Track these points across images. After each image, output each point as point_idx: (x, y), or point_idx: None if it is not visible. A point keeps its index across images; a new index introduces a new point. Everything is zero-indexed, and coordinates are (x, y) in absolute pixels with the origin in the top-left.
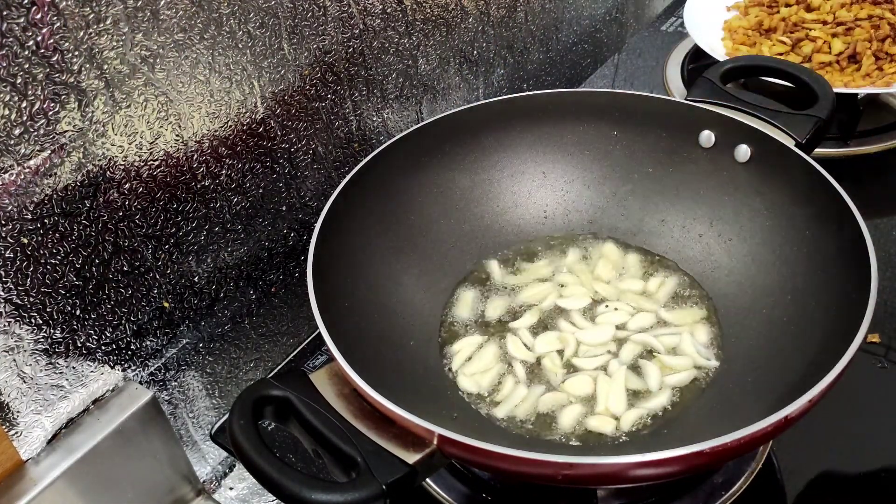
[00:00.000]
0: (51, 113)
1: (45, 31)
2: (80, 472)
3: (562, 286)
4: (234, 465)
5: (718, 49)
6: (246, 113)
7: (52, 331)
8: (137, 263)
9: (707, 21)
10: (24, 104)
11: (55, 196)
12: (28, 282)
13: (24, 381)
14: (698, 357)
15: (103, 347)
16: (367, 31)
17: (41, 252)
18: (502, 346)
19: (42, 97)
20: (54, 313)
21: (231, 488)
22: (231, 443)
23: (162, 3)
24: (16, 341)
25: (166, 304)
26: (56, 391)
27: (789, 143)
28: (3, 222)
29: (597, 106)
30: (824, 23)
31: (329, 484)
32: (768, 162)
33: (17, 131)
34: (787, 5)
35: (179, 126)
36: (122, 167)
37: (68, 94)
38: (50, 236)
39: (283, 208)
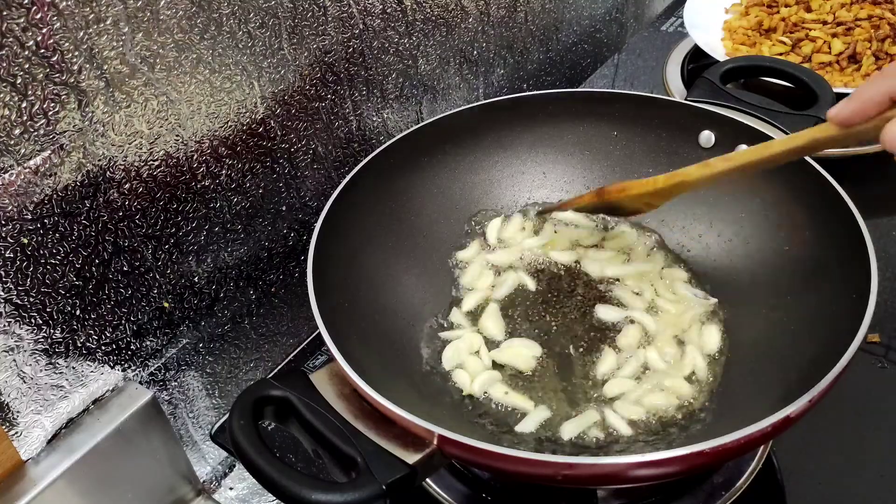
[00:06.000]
0: (51, 113)
1: (45, 31)
2: (80, 472)
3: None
4: (234, 465)
5: (718, 49)
6: (246, 113)
7: (52, 331)
8: (137, 263)
9: (707, 21)
10: (24, 104)
11: (55, 196)
12: (28, 282)
13: (24, 381)
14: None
15: (103, 347)
16: (367, 31)
17: (41, 252)
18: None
19: (42, 97)
20: (54, 313)
21: (231, 488)
22: (231, 443)
23: (162, 3)
24: (16, 341)
25: (166, 304)
26: (56, 391)
27: None
28: (3, 222)
29: (597, 106)
30: (824, 23)
31: (329, 484)
32: None
33: (17, 131)
34: (787, 5)
35: (179, 126)
36: (122, 167)
37: (68, 94)
38: (50, 236)
39: (283, 208)
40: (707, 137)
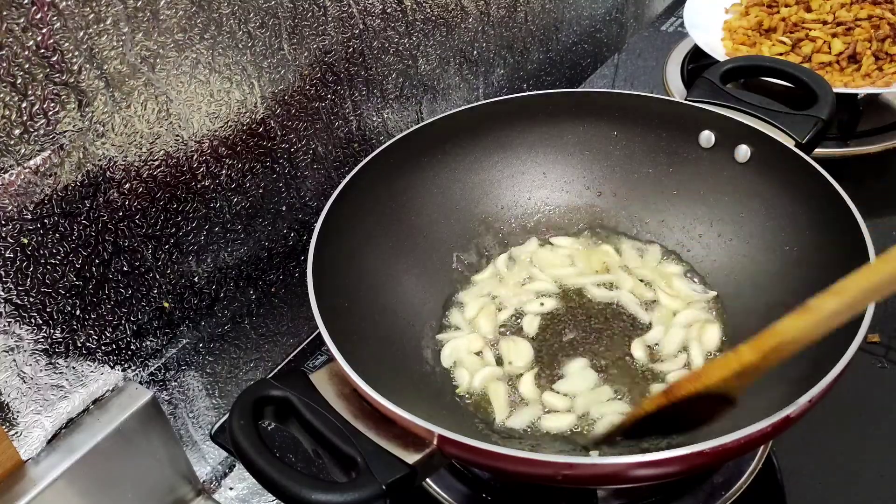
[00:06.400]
0: (51, 113)
1: (45, 31)
2: (80, 472)
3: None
4: (234, 465)
5: (718, 49)
6: (246, 113)
7: (52, 331)
8: (137, 263)
9: (707, 21)
10: (24, 104)
11: (55, 196)
12: (28, 282)
13: (24, 381)
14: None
15: (103, 347)
16: (367, 31)
17: (41, 252)
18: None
19: (42, 97)
20: (54, 313)
21: (231, 488)
22: (231, 443)
23: (162, 3)
24: (16, 341)
25: (166, 304)
26: (56, 391)
27: (789, 143)
28: (3, 222)
29: (597, 106)
30: (824, 23)
31: (329, 484)
32: (768, 162)
33: (17, 131)
34: (787, 5)
35: (179, 126)
36: (122, 167)
37: (68, 94)
38: (50, 236)
39: (283, 208)
40: (707, 137)
